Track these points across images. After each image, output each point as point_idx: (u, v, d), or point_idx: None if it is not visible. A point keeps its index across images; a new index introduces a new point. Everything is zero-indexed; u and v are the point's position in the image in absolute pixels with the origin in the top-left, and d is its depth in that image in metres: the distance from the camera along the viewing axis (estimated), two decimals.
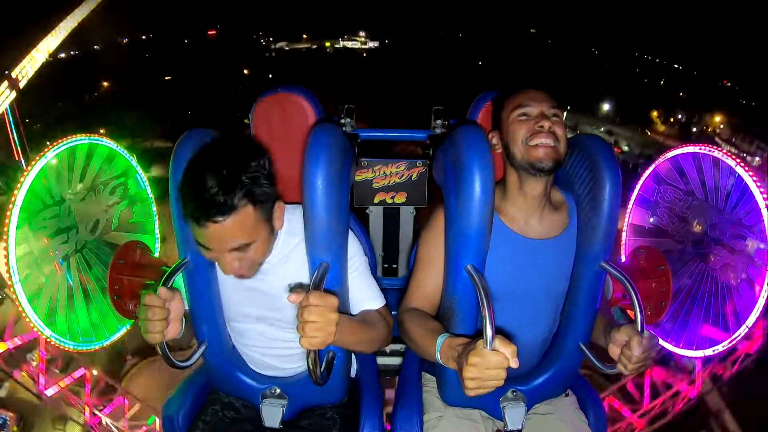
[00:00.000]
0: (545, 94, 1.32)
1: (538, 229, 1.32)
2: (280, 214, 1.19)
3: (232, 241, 1.09)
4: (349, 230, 1.33)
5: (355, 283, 1.31)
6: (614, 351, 1.17)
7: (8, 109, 15.47)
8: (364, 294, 1.33)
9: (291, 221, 1.26)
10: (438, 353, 1.10)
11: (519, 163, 1.28)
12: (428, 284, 1.32)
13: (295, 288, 1.25)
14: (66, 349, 2.00)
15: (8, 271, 1.63)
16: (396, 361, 2.11)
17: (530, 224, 1.32)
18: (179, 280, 1.31)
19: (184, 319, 1.21)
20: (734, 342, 1.88)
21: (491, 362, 0.94)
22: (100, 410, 5.98)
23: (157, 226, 2.41)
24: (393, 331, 1.38)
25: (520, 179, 1.30)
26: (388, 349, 2.14)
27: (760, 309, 1.74)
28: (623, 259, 2.02)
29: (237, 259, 1.13)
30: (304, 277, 1.26)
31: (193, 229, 1.09)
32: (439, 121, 1.88)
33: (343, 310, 1.31)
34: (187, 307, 1.31)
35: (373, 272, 1.41)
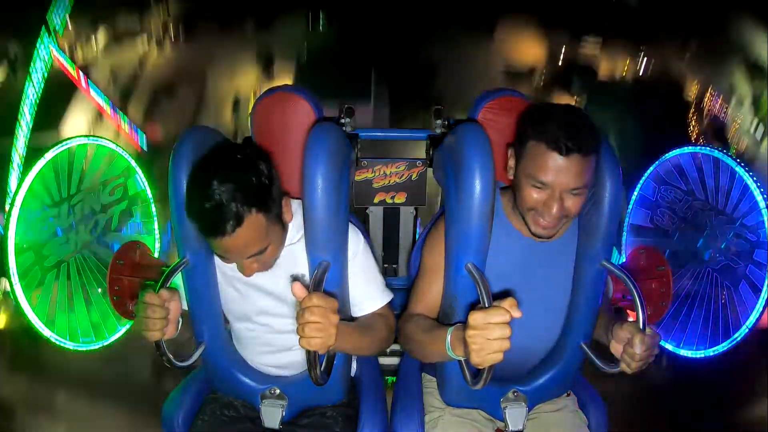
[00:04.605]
0: (576, 168, 1.10)
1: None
2: (288, 208, 1.21)
3: (247, 251, 1.11)
4: (354, 227, 1.33)
5: (358, 281, 1.31)
6: (616, 348, 1.16)
7: None
8: (366, 294, 1.33)
9: (297, 216, 1.27)
10: (449, 338, 1.06)
11: (522, 213, 1.24)
12: (433, 291, 1.30)
13: (298, 280, 1.26)
14: (66, 350, 2.01)
15: (8, 273, 1.63)
16: (396, 361, 2.11)
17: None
18: (177, 280, 1.31)
19: (181, 320, 1.21)
20: (734, 342, 1.89)
21: (492, 318, 0.93)
22: None
23: (156, 226, 2.43)
24: (395, 330, 1.38)
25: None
26: (387, 349, 2.14)
27: (760, 309, 1.75)
28: (624, 259, 2.02)
29: (255, 261, 1.15)
30: (305, 269, 1.26)
31: (208, 241, 1.11)
32: (439, 121, 1.88)
33: (343, 309, 1.30)
34: (185, 308, 1.31)
35: None
